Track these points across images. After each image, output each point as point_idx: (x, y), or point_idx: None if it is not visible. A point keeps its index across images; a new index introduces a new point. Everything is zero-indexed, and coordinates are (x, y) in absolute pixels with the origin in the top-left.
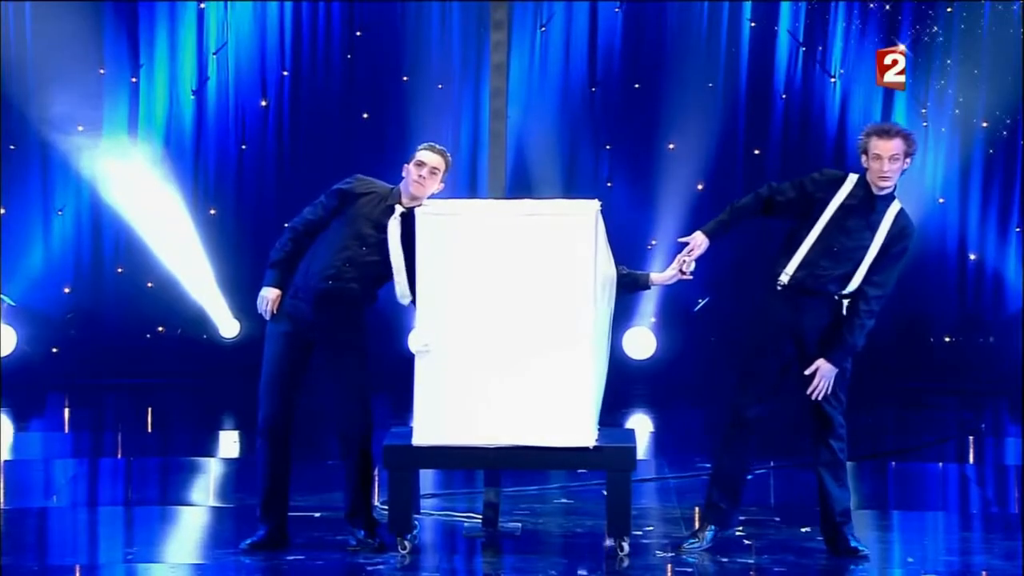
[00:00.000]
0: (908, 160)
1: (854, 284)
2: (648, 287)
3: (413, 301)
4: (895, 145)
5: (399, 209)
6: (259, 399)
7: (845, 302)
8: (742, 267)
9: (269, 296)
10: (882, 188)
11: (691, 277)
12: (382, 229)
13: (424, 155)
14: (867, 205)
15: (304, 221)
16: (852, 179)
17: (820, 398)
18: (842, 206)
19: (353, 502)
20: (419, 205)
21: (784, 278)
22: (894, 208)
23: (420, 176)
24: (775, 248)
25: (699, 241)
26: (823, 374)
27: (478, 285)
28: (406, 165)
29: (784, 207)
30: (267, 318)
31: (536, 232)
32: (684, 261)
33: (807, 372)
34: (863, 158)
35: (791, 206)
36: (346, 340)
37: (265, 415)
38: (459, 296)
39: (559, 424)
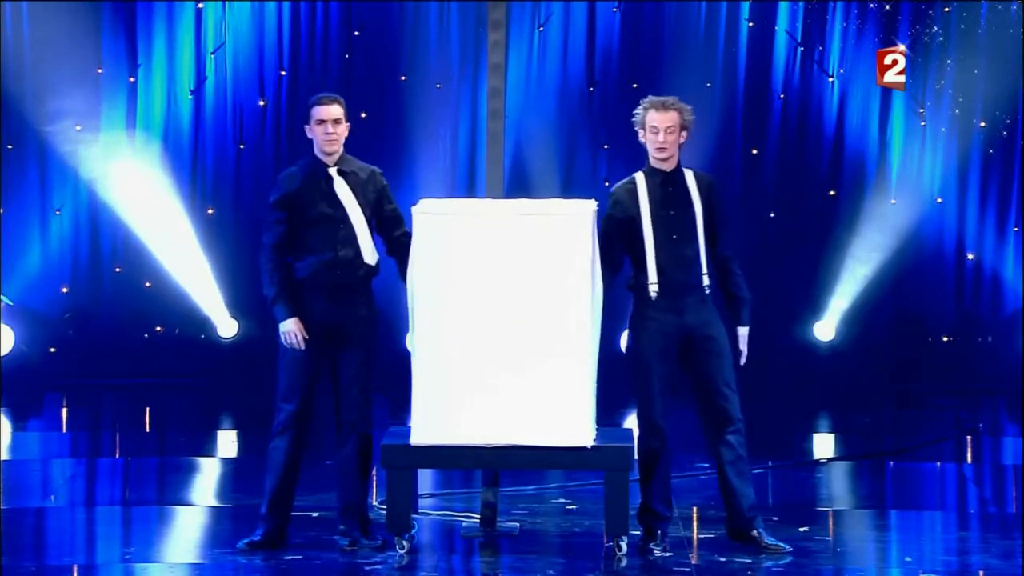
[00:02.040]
0: (684, 133)
1: (704, 263)
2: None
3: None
4: (671, 117)
5: (333, 172)
6: (277, 401)
7: (708, 288)
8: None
9: (293, 327)
10: (661, 160)
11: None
12: (335, 200)
13: (320, 111)
14: (667, 185)
15: (272, 247)
16: (640, 176)
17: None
18: (651, 202)
19: (348, 497)
20: (342, 158)
21: (653, 287)
22: (690, 175)
23: (327, 133)
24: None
25: None
26: (745, 339)
27: (475, 285)
28: (307, 127)
29: (613, 246)
30: (301, 347)
31: (534, 231)
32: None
33: (739, 348)
34: (640, 133)
35: (619, 239)
36: (358, 329)
37: (284, 418)
38: (456, 295)
39: (557, 424)
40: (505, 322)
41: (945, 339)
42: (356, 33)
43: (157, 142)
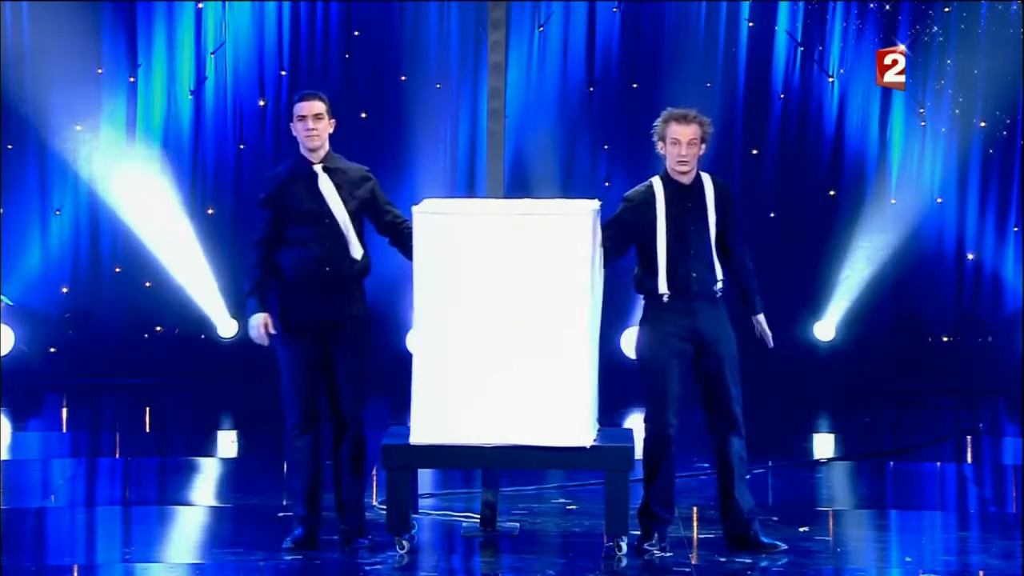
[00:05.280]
0: (703, 146)
1: (719, 269)
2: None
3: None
4: (693, 130)
5: (318, 169)
6: (285, 403)
7: (719, 292)
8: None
9: (260, 323)
10: (681, 174)
11: None
12: (319, 197)
13: (302, 107)
14: (686, 198)
15: (258, 245)
16: (657, 183)
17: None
18: (668, 212)
19: (345, 496)
20: (328, 155)
21: (664, 293)
22: (708, 183)
23: (308, 129)
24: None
25: None
26: (764, 323)
27: (476, 284)
28: (291, 124)
29: (619, 246)
30: (265, 343)
31: (534, 231)
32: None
33: (760, 334)
34: (659, 144)
35: (624, 240)
36: (350, 327)
37: (297, 420)
38: (457, 295)
39: (558, 424)
40: (506, 322)
41: (945, 339)
42: (356, 33)
43: (157, 142)
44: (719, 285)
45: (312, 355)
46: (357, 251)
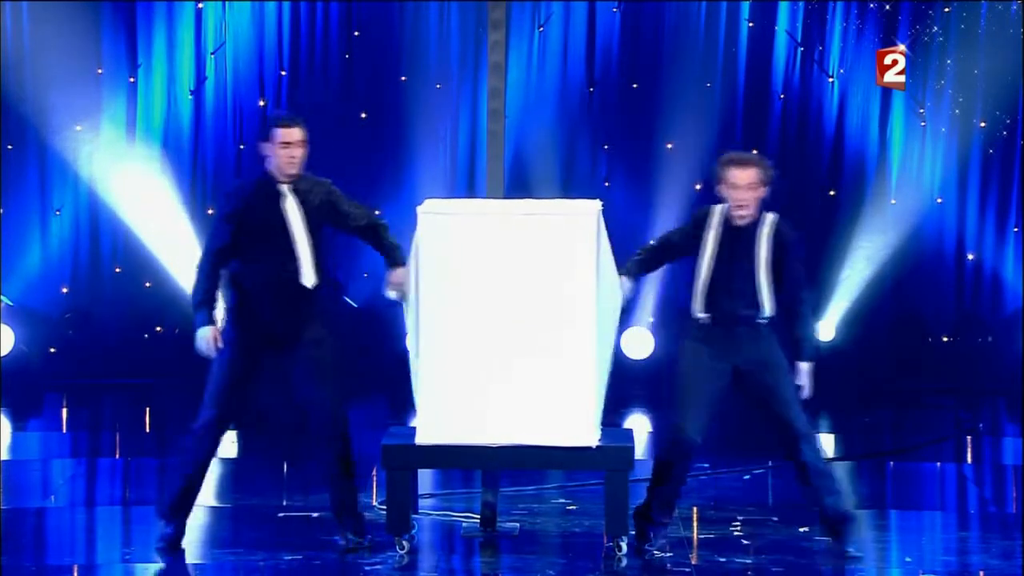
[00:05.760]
0: (765, 189)
1: (767, 306)
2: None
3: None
4: (751, 174)
5: (285, 190)
6: (206, 399)
7: (763, 321)
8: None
9: (209, 336)
10: (740, 218)
11: None
12: (283, 218)
13: (286, 133)
14: (736, 239)
15: (212, 256)
16: (716, 211)
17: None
18: (717, 239)
19: (338, 497)
20: (297, 176)
21: (702, 318)
22: (767, 227)
23: (291, 156)
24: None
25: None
26: (807, 375)
27: (479, 284)
28: (266, 144)
29: (653, 258)
30: (213, 355)
31: (538, 232)
32: None
33: (799, 383)
34: (719, 187)
35: (684, 246)
36: (316, 332)
37: (204, 423)
38: (460, 295)
39: (561, 424)
40: (509, 322)
41: (945, 339)
42: (356, 33)
43: (157, 142)
44: (764, 317)
45: (250, 367)
46: (310, 279)
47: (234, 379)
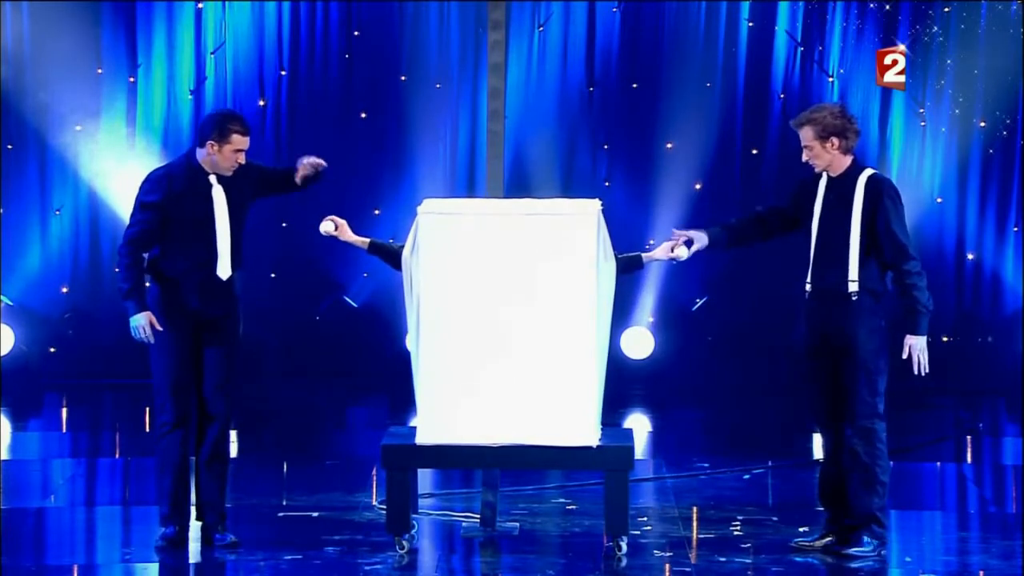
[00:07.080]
0: (832, 140)
1: (853, 270)
2: (641, 266)
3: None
4: (803, 133)
5: (213, 180)
6: (157, 401)
7: (855, 294)
8: (741, 266)
9: (144, 322)
10: (819, 169)
11: (682, 257)
12: (209, 207)
13: (242, 141)
14: (834, 190)
15: (135, 243)
16: (824, 175)
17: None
18: (822, 201)
19: (210, 493)
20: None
21: (807, 286)
22: (863, 178)
23: (238, 161)
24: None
25: (699, 238)
26: (918, 349)
27: (480, 284)
28: (212, 143)
29: (788, 216)
30: (151, 341)
31: (538, 231)
32: (677, 243)
33: (904, 356)
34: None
35: (792, 213)
36: (230, 325)
37: (169, 417)
38: (461, 295)
39: (561, 424)
40: (509, 322)
41: (945, 339)
42: (356, 33)
43: (157, 142)
44: (853, 288)
45: (187, 354)
46: (225, 272)
47: (179, 370)
